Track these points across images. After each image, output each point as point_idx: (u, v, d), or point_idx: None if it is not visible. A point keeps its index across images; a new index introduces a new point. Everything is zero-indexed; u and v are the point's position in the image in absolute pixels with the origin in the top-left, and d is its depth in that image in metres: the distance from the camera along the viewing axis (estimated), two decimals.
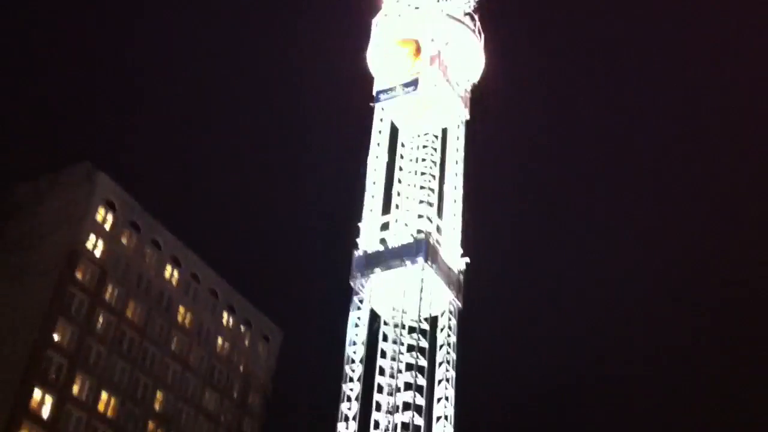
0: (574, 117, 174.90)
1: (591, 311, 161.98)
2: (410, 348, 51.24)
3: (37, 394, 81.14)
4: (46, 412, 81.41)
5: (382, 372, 51.67)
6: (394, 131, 59.30)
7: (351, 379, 50.48)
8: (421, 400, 50.07)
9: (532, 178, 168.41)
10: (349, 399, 50.08)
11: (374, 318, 53.00)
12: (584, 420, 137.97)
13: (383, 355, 52.34)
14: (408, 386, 50.30)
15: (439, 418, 50.24)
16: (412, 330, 51.74)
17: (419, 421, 49.61)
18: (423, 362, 50.57)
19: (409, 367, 50.70)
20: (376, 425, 49.84)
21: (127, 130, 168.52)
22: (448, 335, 52.61)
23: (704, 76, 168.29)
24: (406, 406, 49.96)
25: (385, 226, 54.83)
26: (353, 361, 50.82)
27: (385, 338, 53.03)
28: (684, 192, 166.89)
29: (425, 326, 51.61)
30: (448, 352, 52.01)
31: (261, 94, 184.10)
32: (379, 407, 50.61)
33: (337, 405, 50.04)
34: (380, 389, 51.17)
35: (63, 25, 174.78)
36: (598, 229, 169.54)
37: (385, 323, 53.40)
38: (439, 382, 51.35)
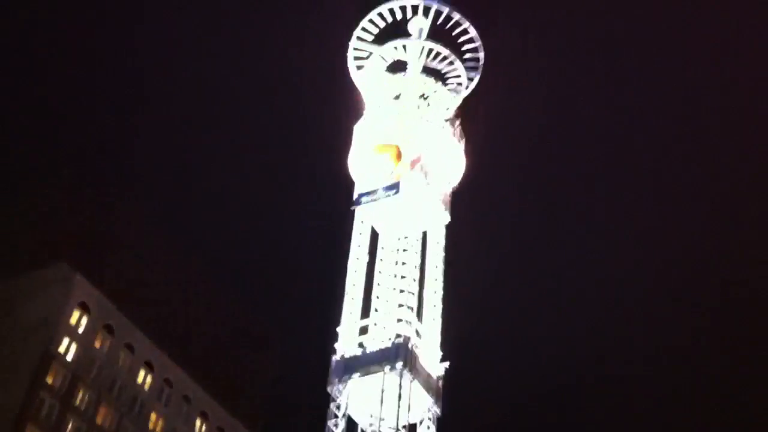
0: (574, 117, 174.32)
1: (591, 311, 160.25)
2: None
3: None
4: None
5: None
6: (374, 234, 59.19)
7: None
8: None
9: (532, 178, 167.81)
10: None
11: (352, 426, 51.66)
12: (584, 420, 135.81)
13: None
14: None
15: None
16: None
17: None
18: None
19: None
20: None
21: (127, 133, 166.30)
22: None
23: (704, 76, 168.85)
24: None
25: (363, 330, 53.97)
26: None
27: None
28: (684, 192, 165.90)
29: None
30: None
31: (261, 94, 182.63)
32: None
33: None
34: None
35: (63, 25, 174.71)
36: (598, 229, 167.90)
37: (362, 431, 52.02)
38: None
